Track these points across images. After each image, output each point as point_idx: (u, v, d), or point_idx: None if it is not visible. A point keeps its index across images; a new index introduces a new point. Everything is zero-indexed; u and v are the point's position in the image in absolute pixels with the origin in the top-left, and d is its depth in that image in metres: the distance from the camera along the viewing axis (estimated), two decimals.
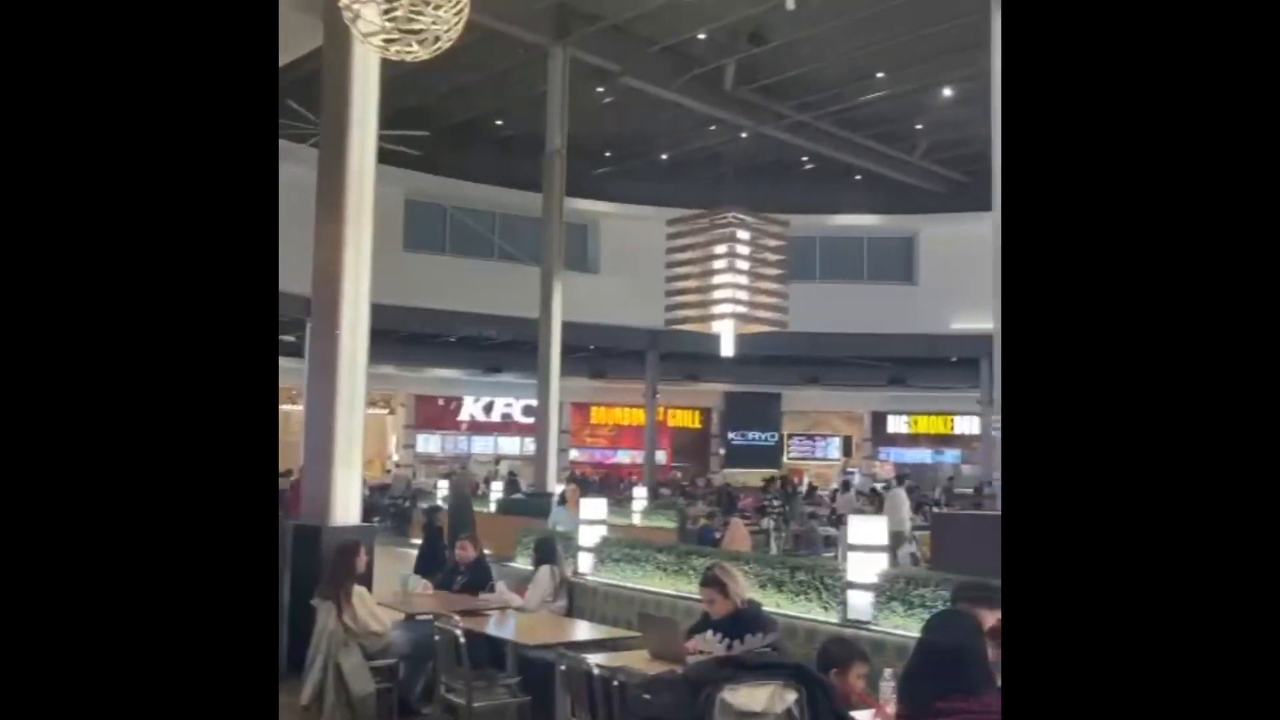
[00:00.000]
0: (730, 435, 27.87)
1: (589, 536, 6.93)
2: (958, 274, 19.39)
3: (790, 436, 28.48)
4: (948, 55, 14.93)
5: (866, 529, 5.25)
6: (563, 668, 4.53)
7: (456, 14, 5.08)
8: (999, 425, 10.03)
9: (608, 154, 20.27)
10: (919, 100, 17.64)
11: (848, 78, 16.55)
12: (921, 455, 27.85)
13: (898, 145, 19.62)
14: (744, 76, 16.48)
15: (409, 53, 5.02)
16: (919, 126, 19.06)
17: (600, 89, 16.66)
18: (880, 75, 16.45)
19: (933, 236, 22.38)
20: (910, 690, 2.94)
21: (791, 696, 3.20)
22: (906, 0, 13.38)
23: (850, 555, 5.20)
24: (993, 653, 3.54)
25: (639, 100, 16.70)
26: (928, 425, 28.24)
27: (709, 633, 4.01)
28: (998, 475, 10.22)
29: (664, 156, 20.63)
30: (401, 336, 20.05)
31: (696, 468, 27.05)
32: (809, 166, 20.87)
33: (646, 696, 3.37)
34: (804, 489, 20.71)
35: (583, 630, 5.92)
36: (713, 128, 18.44)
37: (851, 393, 26.99)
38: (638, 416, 25.99)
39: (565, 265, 15.36)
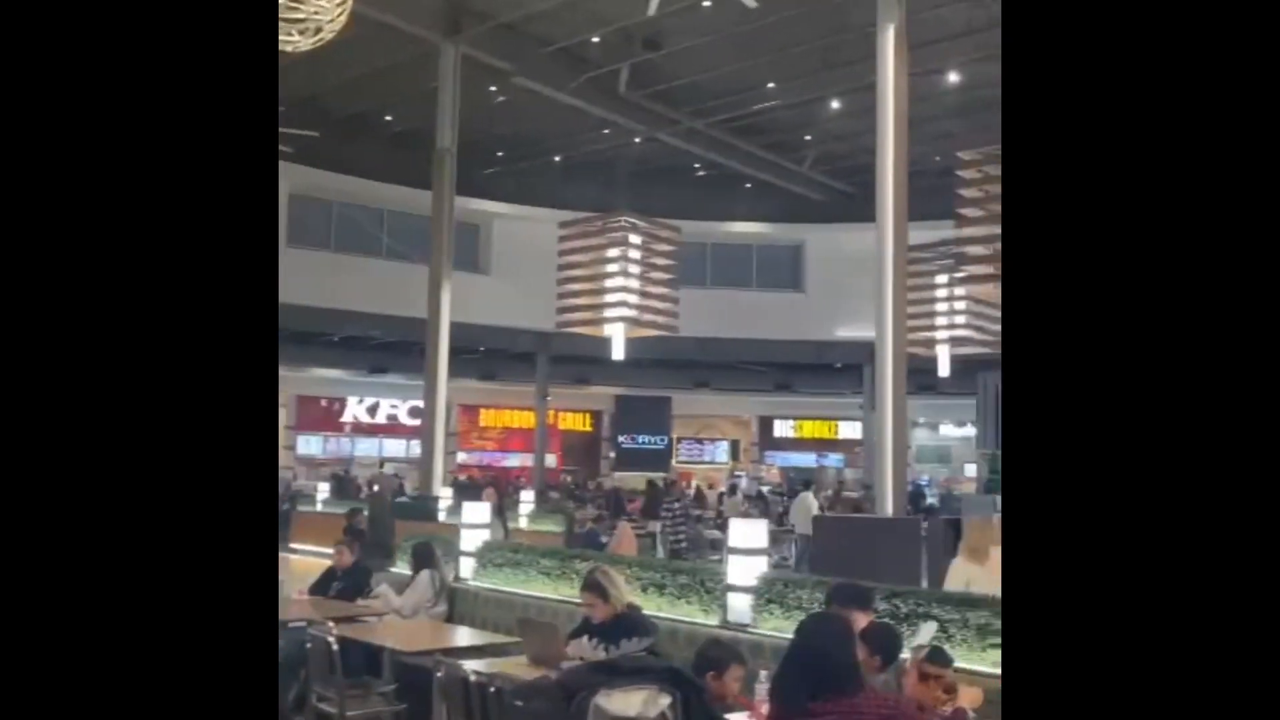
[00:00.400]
0: (620, 438, 27.92)
1: (471, 541, 6.84)
2: (843, 283, 19.88)
3: (680, 440, 28.71)
4: (836, 69, 15.28)
5: (746, 532, 5.31)
6: (439, 674, 4.45)
7: (339, 4, 4.95)
8: (879, 430, 10.26)
9: (500, 154, 20.09)
10: (808, 111, 17.99)
11: (740, 87, 16.77)
12: (806, 459, 28.42)
13: (787, 155, 19.98)
14: (638, 81, 16.54)
15: (290, 42, 4.87)
16: (808, 137, 19.44)
17: (493, 88, 16.49)
18: (771, 85, 16.72)
19: (819, 246, 22.87)
20: (782, 692, 2.98)
21: (665, 700, 3.20)
22: (798, 13, 13.62)
23: (730, 558, 5.25)
24: (863, 654, 3.62)
25: (532, 101, 16.59)
26: (813, 430, 28.85)
27: (584, 638, 3.99)
28: (876, 479, 10.47)
29: (557, 158, 20.54)
30: (283, 335, 19.43)
31: (587, 471, 27.02)
32: (701, 173, 21.08)
33: (519, 703, 3.33)
34: (691, 492, 20.88)
35: (463, 636, 5.84)
36: (606, 131, 18.44)
37: (740, 397, 27.38)
38: (527, 419, 25.81)
39: (455, 265, 15.13)
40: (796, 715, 2.88)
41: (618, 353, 14.61)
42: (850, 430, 27.28)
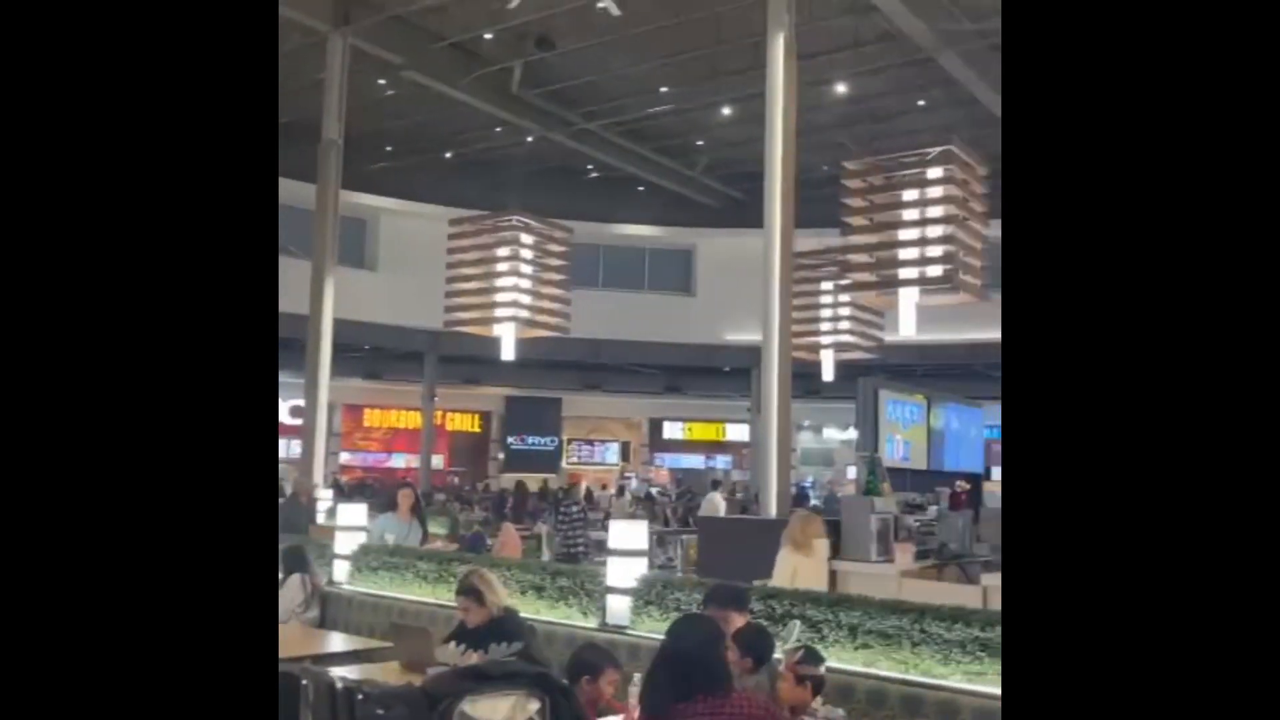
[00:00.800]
0: (510, 439, 27.69)
1: (346, 543, 6.65)
2: (732, 287, 20.12)
3: (570, 441, 28.64)
4: (728, 76, 15.45)
5: (626, 533, 5.30)
6: (305, 681, 4.30)
7: None
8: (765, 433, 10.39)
9: (389, 148, 19.67)
10: (700, 118, 18.15)
11: (633, 90, 16.82)
12: (695, 461, 28.69)
13: (679, 160, 20.13)
14: (531, 80, 16.42)
15: None
16: (700, 143, 19.62)
17: (382, 81, 16.14)
18: (664, 90, 16.82)
19: (710, 250, 23.12)
20: (652, 694, 2.97)
21: (534, 706, 3.15)
22: (691, 19, 13.73)
23: (610, 560, 5.23)
24: (735, 655, 3.64)
25: (423, 96, 16.30)
26: (701, 432, 29.13)
27: (451, 644, 3.90)
28: (761, 481, 10.61)
29: (448, 154, 20.24)
30: None
31: (474, 472, 26.70)
32: (594, 175, 21.07)
33: (380, 711, 3.23)
34: (581, 494, 20.80)
35: (334, 642, 5.68)
36: (498, 129, 18.26)
37: (630, 399, 27.46)
38: (414, 419, 25.35)
39: (340, 260, 14.73)
40: (666, 717, 2.87)
41: (508, 353, 14.41)
42: (738, 432, 27.64)
